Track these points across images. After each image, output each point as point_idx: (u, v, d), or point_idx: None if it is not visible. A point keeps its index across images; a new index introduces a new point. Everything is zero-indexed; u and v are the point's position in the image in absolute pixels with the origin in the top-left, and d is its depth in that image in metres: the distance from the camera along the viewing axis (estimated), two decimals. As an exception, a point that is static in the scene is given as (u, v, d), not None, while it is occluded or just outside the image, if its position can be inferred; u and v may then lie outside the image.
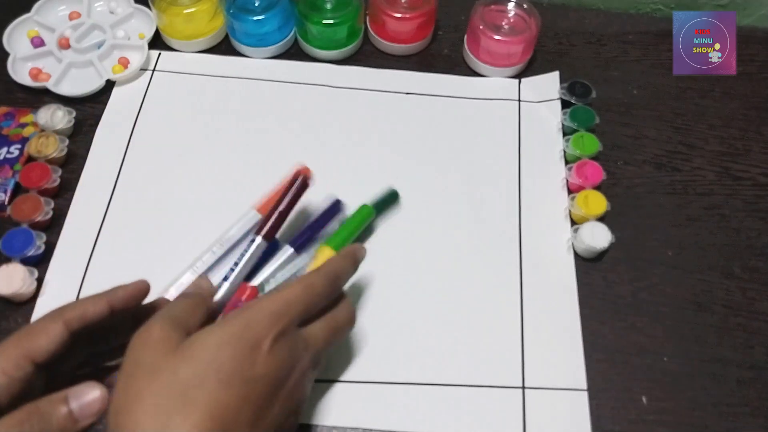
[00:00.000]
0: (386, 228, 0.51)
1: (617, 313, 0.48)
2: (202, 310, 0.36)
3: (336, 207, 0.47)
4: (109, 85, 0.57)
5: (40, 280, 0.47)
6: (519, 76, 0.60)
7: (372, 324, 0.47)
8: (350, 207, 0.52)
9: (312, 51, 0.60)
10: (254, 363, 0.32)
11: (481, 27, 0.57)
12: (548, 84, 0.59)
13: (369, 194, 0.52)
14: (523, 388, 0.45)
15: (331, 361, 0.45)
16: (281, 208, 0.43)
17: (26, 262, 0.46)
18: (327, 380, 0.44)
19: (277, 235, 0.43)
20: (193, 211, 0.51)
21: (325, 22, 0.57)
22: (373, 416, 0.43)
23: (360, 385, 0.44)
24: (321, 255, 0.43)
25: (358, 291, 0.48)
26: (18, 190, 0.50)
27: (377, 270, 0.49)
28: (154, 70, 0.58)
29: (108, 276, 0.47)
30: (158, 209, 0.50)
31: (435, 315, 0.47)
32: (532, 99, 0.58)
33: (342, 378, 0.45)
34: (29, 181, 0.49)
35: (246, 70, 0.58)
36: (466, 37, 0.60)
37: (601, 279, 0.50)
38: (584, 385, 0.45)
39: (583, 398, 0.45)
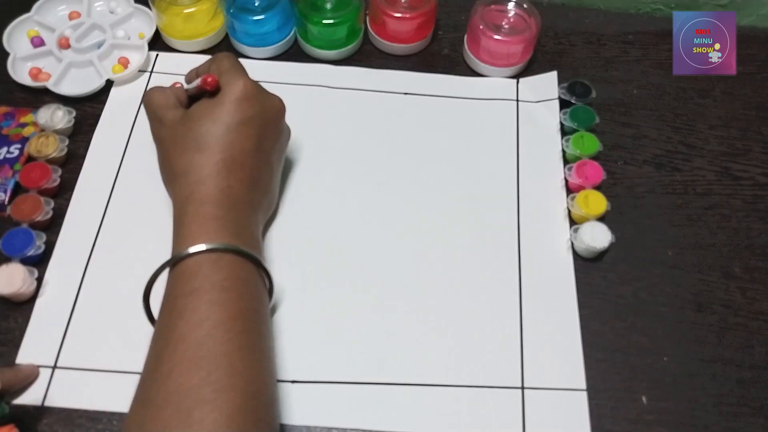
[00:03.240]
0: (385, 228, 0.51)
1: (617, 313, 0.48)
2: (180, 90, 0.47)
3: None
4: (110, 84, 0.57)
5: (40, 280, 0.47)
6: (519, 75, 0.60)
7: (371, 325, 0.47)
8: (348, 208, 0.52)
9: (312, 51, 0.60)
10: (244, 108, 0.43)
11: (481, 27, 0.57)
12: (546, 84, 0.59)
13: (368, 194, 0.52)
14: (522, 388, 0.45)
15: (331, 362, 0.45)
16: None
17: (26, 262, 0.46)
18: (326, 381, 0.44)
19: None
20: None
21: (325, 22, 0.57)
22: (372, 417, 0.43)
23: (359, 386, 0.44)
24: None
25: (358, 292, 0.48)
26: (18, 189, 0.50)
27: (376, 270, 0.49)
28: (152, 71, 0.58)
29: (107, 275, 0.48)
30: (156, 208, 0.50)
31: (434, 315, 0.47)
32: (530, 99, 0.58)
33: (341, 379, 0.45)
34: (29, 180, 0.49)
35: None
36: (466, 37, 0.60)
37: (601, 279, 0.50)
38: (583, 385, 0.45)
39: (583, 398, 0.45)
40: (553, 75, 0.59)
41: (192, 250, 0.39)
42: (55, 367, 0.44)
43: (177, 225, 0.41)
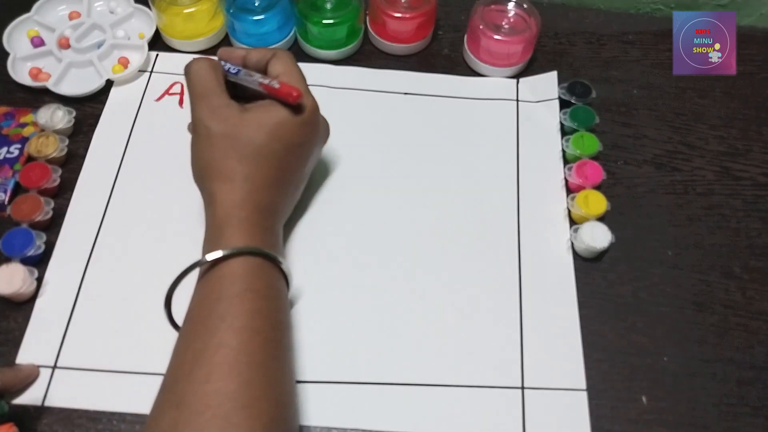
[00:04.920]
0: (384, 228, 0.51)
1: (617, 313, 0.48)
2: (222, 70, 0.44)
3: None
4: (110, 84, 0.57)
5: (40, 280, 0.47)
6: (519, 75, 0.60)
7: (372, 324, 0.47)
8: (347, 208, 0.52)
9: (312, 51, 0.60)
10: (306, 132, 0.43)
11: (481, 27, 0.57)
12: (546, 84, 0.59)
13: (367, 195, 0.52)
14: (523, 388, 0.45)
15: (331, 362, 0.45)
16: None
17: (26, 262, 0.46)
18: (327, 381, 0.44)
19: None
20: (191, 210, 0.50)
21: (325, 22, 0.57)
22: (372, 417, 0.43)
23: (359, 386, 0.44)
24: None
25: (357, 292, 0.48)
26: (18, 189, 0.50)
27: (376, 270, 0.49)
28: (152, 71, 0.58)
29: (107, 275, 0.48)
30: (156, 208, 0.50)
31: (434, 315, 0.47)
32: (530, 99, 0.58)
33: (342, 379, 0.45)
34: (29, 180, 0.49)
35: (246, 70, 0.58)
36: (466, 37, 0.60)
37: (601, 279, 0.50)
38: (583, 385, 0.45)
39: (583, 398, 0.45)
40: (552, 75, 0.59)
41: (238, 249, 0.39)
42: (55, 367, 0.44)
43: (221, 226, 0.40)
